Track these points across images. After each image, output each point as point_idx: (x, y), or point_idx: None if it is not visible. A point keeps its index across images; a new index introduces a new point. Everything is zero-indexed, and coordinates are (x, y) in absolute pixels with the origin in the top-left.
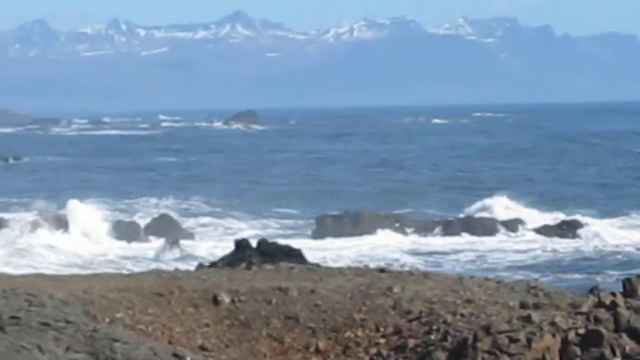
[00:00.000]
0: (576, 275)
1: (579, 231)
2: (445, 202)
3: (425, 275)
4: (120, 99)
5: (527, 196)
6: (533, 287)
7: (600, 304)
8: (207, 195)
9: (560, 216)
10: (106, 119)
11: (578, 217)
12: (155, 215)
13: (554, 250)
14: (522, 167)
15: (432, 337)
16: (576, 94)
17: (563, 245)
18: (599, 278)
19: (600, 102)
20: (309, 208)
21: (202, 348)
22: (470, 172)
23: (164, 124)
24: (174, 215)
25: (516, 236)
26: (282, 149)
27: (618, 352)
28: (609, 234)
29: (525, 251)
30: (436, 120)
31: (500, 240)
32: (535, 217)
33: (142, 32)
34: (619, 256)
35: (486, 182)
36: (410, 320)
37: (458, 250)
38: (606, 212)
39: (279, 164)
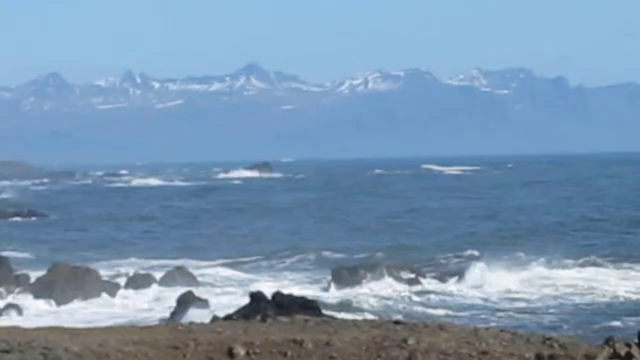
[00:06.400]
0: None
1: None
2: None
3: (440, 326)
4: (135, 151)
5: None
6: (548, 339)
7: (615, 355)
8: None
9: None
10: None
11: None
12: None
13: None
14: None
15: None
16: (590, 145)
17: None
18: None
19: (614, 152)
20: None
21: None
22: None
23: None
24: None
25: None
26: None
27: None
28: None
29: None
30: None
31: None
32: None
33: (157, 85)
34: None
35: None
36: None
37: None
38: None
39: None
